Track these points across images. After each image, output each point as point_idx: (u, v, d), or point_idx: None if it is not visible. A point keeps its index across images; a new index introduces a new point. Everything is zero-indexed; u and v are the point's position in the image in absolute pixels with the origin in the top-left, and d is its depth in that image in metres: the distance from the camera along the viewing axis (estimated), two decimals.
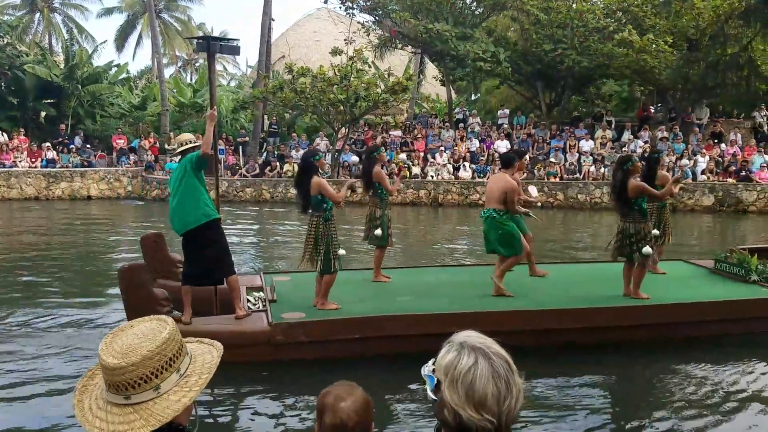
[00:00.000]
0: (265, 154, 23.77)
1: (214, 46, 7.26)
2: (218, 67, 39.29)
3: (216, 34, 40.86)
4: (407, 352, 5.45)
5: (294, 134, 24.65)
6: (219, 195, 7.48)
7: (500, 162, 7.91)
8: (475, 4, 25.38)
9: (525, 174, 20.56)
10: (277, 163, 22.38)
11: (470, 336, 1.41)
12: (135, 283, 5.77)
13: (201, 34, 40.35)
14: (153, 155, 23.64)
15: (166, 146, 23.94)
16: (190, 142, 6.18)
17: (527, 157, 8.27)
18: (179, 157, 6.20)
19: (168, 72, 41.28)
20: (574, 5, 22.12)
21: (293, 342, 5.89)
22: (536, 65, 23.01)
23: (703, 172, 19.53)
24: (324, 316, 6.19)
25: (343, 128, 22.16)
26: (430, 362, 1.42)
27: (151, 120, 27.03)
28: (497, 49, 21.96)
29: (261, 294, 6.87)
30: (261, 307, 6.50)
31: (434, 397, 1.37)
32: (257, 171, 22.25)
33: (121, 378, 1.53)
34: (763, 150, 20.15)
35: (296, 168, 21.92)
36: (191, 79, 41.38)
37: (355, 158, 21.39)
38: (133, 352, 1.54)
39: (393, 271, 8.23)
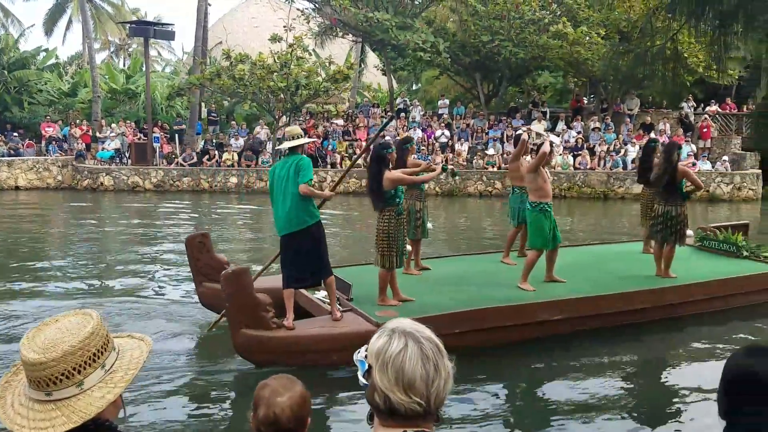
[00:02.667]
0: (203, 142, 23.23)
1: (148, 30, 7.04)
2: (152, 53, 38.14)
3: (150, 18, 39.62)
4: (508, 341, 6.07)
5: (233, 122, 24.20)
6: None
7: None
8: None
9: (465, 164, 20.95)
10: (216, 152, 21.93)
11: (402, 322, 1.44)
12: (241, 289, 5.55)
13: (134, 18, 39.06)
14: (84, 143, 22.75)
15: (98, 134, 23.10)
16: (300, 137, 6.03)
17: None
18: (287, 150, 6.00)
19: (100, 57, 39.83)
20: None
21: None
22: (474, 56, 23.31)
23: (633, 161, 20.25)
24: (419, 312, 5.87)
25: (284, 116, 21.91)
26: (363, 348, 1.44)
27: (82, 107, 26.01)
28: (437, 40, 22.12)
29: (323, 293, 6.57)
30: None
31: (365, 382, 1.39)
32: (195, 160, 21.76)
33: (42, 374, 1.49)
34: (690, 140, 21.05)
35: (236, 157, 21.72)
36: (124, 65, 39.98)
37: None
38: (54, 347, 1.50)
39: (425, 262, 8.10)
